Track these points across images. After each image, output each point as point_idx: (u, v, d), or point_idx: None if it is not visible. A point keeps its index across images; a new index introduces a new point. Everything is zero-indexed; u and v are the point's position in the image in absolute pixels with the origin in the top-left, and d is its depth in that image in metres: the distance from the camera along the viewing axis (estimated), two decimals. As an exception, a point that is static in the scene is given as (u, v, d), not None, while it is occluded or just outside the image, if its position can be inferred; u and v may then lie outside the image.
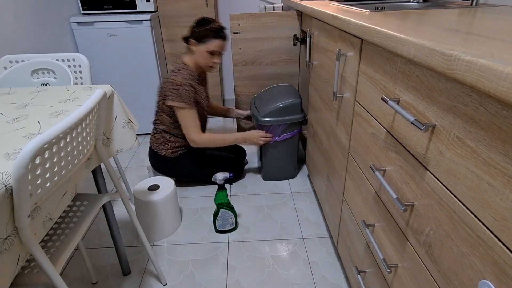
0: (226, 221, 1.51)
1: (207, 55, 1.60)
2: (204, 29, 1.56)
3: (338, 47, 1.09)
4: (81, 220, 0.95)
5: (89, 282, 1.29)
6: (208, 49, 1.58)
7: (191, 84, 1.59)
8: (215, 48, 1.59)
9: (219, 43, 1.59)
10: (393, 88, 0.71)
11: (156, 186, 1.50)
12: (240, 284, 1.27)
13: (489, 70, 0.40)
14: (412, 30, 0.65)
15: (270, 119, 1.71)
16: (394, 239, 0.75)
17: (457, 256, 0.52)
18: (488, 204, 0.45)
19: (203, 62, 1.63)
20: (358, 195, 0.98)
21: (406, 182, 0.67)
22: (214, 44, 1.58)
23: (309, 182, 1.89)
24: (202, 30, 1.56)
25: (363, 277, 0.99)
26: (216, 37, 1.58)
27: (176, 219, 1.55)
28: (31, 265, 0.82)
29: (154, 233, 1.48)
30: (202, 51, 1.59)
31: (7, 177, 0.61)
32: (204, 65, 1.64)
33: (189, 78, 1.59)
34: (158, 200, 1.42)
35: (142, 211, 1.44)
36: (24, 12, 1.77)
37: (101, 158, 1.01)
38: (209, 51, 1.59)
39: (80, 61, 1.45)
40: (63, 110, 0.92)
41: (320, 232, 1.51)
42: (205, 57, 1.60)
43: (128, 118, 1.11)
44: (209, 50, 1.59)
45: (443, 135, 0.54)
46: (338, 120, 1.13)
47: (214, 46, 1.58)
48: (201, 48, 1.59)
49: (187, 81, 1.58)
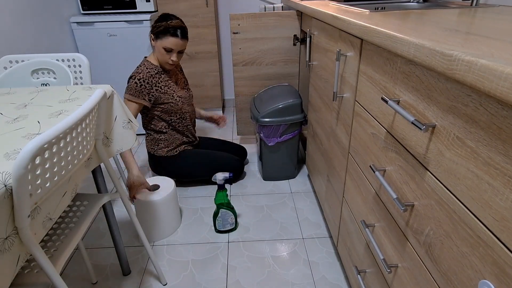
0: (226, 221, 1.51)
1: (164, 52, 1.60)
2: (161, 25, 1.56)
3: (338, 47, 1.09)
4: (81, 220, 0.95)
5: (89, 282, 1.29)
6: (162, 45, 1.58)
7: (143, 78, 1.59)
8: (168, 45, 1.57)
9: (173, 40, 1.57)
10: (393, 88, 0.71)
11: (156, 186, 1.50)
12: (240, 284, 1.27)
13: (489, 70, 0.39)
14: (412, 30, 0.65)
15: (270, 120, 1.71)
16: (394, 239, 0.75)
17: (457, 256, 0.52)
18: (488, 204, 0.45)
19: (161, 58, 1.63)
20: (358, 195, 0.98)
21: (406, 182, 0.67)
22: (168, 41, 1.56)
23: (309, 182, 1.89)
24: (159, 25, 1.57)
25: (363, 277, 0.99)
26: (172, 34, 1.56)
27: (176, 219, 1.55)
28: (31, 265, 0.82)
29: (155, 233, 1.48)
30: (159, 47, 1.59)
31: (7, 177, 0.61)
32: (162, 62, 1.64)
33: (143, 72, 1.60)
34: (158, 200, 1.42)
35: (142, 211, 1.44)
36: (24, 12, 1.77)
37: (101, 158, 1.01)
38: (164, 48, 1.58)
39: (80, 61, 1.45)
40: (63, 110, 0.92)
41: (320, 232, 1.51)
42: (162, 54, 1.60)
43: (128, 118, 1.11)
44: (164, 47, 1.58)
45: (443, 135, 0.54)
46: (338, 120, 1.13)
47: (168, 43, 1.57)
48: (157, 43, 1.59)
49: (139, 74, 1.59)
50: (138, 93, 1.59)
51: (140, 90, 1.59)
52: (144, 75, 1.60)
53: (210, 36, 2.52)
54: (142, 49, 2.24)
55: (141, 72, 1.60)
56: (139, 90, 1.58)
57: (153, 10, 2.27)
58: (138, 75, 1.59)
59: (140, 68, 1.61)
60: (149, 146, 1.75)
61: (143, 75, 1.60)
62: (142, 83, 1.58)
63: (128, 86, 1.60)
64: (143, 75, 1.60)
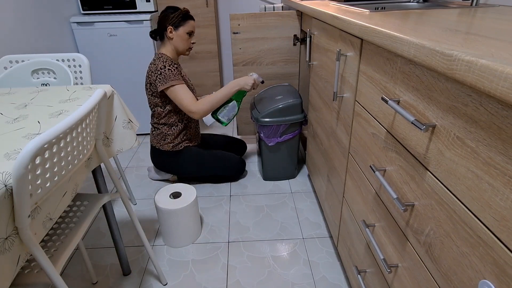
0: (228, 114, 1.66)
1: (187, 37, 1.68)
2: (178, 14, 1.65)
3: (338, 47, 1.09)
4: (81, 220, 0.95)
5: (89, 282, 1.29)
6: (186, 30, 1.67)
7: (171, 64, 1.63)
8: (191, 28, 1.68)
9: (193, 23, 1.70)
10: (393, 88, 0.71)
11: (178, 193, 1.49)
12: (240, 284, 1.27)
13: (489, 70, 0.39)
14: (412, 30, 0.65)
15: (270, 120, 1.71)
16: (394, 239, 0.75)
17: (457, 256, 0.52)
18: (488, 204, 0.45)
19: (183, 45, 1.69)
20: (358, 195, 0.98)
21: (406, 182, 0.67)
22: (190, 25, 1.68)
23: (309, 182, 1.89)
24: (176, 15, 1.64)
25: (363, 277, 0.99)
26: (191, 18, 1.68)
27: (197, 226, 1.51)
28: (31, 265, 0.82)
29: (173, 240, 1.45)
30: (182, 34, 1.66)
31: (7, 177, 0.61)
32: (184, 48, 1.71)
33: (168, 60, 1.64)
34: (180, 209, 1.39)
35: (164, 218, 1.41)
36: (24, 12, 1.77)
37: (101, 158, 1.01)
38: (188, 32, 1.67)
39: (80, 61, 1.45)
40: (63, 110, 0.92)
41: (320, 232, 1.51)
42: (186, 40, 1.69)
43: (128, 118, 1.11)
44: (187, 31, 1.67)
45: (443, 135, 0.54)
46: (338, 120, 1.13)
47: (190, 26, 1.68)
48: (179, 32, 1.66)
49: (167, 63, 1.62)
50: (178, 76, 1.62)
51: (178, 73, 1.62)
52: (171, 63, 1.63)
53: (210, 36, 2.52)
54: (142, 49, 2.24)
55: (166, 60, 1.62)
56: (177, 73, 1.62)
57: (153, 10, 2.27)
58: (166, 63, 1.61)
59: (162, 59, 1.63)
60: (155, 141, 1.76)
61: (170, 63, 1.63)
62: (173, 66, 1.62)
63: (164, 75, 1.59)
64: (170, 63, 1.63)
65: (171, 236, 1.44)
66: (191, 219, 1.45)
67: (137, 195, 1.82)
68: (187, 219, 1.43)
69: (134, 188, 1.89)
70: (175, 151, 1.76)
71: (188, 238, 1.47)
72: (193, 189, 1.50)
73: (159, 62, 1.61)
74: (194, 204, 1.44)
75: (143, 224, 1.61)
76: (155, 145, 1.77)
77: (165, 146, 1.75)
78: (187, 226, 1.44)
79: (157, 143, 1.76)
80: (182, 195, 1.47)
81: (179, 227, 1.42)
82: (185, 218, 1.42)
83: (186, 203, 1.41)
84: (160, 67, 1.60)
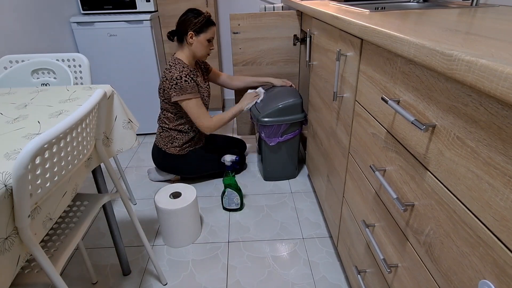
0: (231, 200, 1.61)
1: (206, 43, 1.65)
2: (201, 18, 1.60)
3: (338, 47, 1.09)
4: (81, 220, 0.95)
5: (89, 282, 1.29)
6: (207, 37, 1.64)
7: (188, 74, 1.61)
8: (212, 34, 1.66)
9: (214, 29, 1.67)
10: (393, 88, 0.71)
11: (178, 193, 1.49)
12: (240, 284, 1.27)
13: (489, 70, 0.39)
14: (412, 30, 0.65)
15: (271, 119, 1.71)
16: (394, 239, 0.75)
17: (457, 256, 0.52)
18: (488, 204, 0.45)
19: (202, 51, 1.66)
20: (358, 195, 0.98)
21: (406, 182, 0.67)
22: (212, 31, 1.65)
23: (309, 182, 1.89)
24: (200, 20, 1.60)
25: (363, 277, 0.99)
26: (213, 24, 1.64)
27: (197, 226, 1.51)
28: (31, 265, 0.82)
29: (173, 240, 1.45)
30: (202, 40, 1.63)
31: (7, 177, 0.61)
32: (203, 54, 1.68)
33: (185, 70, 1.62)
34: (180, 209, 1.39)
35: (163, 218, 1.41)
36: (24, 12, 1.77)
37: (101, 158, 1.01)
38: (208, 39, 1.65)
39: (80, 61, 1.45)
40: (63, 110, 0.92)
41: (320, 232, 1.51)
42: (206, 46, 1.66)
43: (128, 118, 1.11)
44: (208, 38, 1.64)
45: (443, 135, 0.54)
46: (338, 120, 1.13)
47: (212, 33, 1.65)
48: (200, 38, 1.63)
49: (183, 73, 1.60)
50: (194, 89, 1.62)
51: (193, 86, 1.62)
52: (187, 73, 1.62)
53: (210, 36, 2.52)
54: (142, 49, 2.24)
55: (183, 71, 1.61)
56: (193, 86, 1.62)
57: (153, 10, 2.27)
58: (182, 73, 1.59)
59: (179, 67, 1.61)
60: (162, 143, 1.76)
61: (186, 73, 1.61)
62: (190, 78, 1.61)
63: (181, 86, 1.58)
64: (186, 73, 1.61)
65: (171, 236, 1.44)
66: (191, 219, 1.45)
67: (137, 195, 1.82)
68: (187, 219, 1.43)
69: (134, 188, 1.89)
70: (180, 155, 1.78)
71: (188, 238, 1.47)
72: (193, 189, 1.50)
73: (175, 71, 1.59)
74: (194, 204, 1.44)
75: (143, 224, 1.61)
76: (161, 147, 1.77)
77: (172, 149, 1.75)
78: (187, 226, 1.44)
79: (164, 145, 1.76)
80: (182, 195, 1.47)
81: (179, 227, 1.42)
82: (185, 218, 1.42)
83: (186, 203, 1.40)
84: (176, 76, 1.58)
